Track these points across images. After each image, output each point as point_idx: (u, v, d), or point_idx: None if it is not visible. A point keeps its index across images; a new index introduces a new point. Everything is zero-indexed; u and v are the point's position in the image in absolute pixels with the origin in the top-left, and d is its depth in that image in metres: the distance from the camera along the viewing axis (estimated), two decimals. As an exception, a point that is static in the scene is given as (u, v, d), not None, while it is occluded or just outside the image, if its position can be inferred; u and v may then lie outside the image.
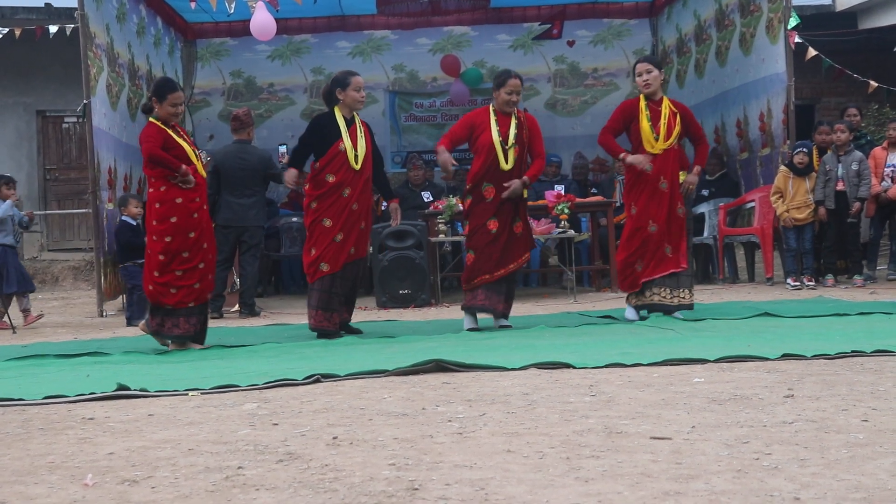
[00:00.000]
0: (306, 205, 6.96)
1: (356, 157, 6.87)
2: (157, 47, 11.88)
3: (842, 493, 2.45)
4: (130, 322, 8.68)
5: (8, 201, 9.22)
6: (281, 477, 2.81)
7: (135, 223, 8.90)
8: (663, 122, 6.92)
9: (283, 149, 9.85)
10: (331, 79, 7.19)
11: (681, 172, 7.11)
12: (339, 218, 6.84)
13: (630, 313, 7.07)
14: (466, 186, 7.08)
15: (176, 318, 6.42)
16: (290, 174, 6.97)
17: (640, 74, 6.99)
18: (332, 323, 6.87)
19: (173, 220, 6.33)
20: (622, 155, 6.95)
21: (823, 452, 2.86)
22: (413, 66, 13.47)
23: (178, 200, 6.34)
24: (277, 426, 3.57)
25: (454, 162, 6.97)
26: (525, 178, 6.87)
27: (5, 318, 8.80)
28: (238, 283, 9.36)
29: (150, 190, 6.42)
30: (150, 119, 6.45)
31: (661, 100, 7.02)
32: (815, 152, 9.57)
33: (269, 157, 9.41)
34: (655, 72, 6.96)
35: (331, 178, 6.84)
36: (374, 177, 7.08)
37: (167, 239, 6.34)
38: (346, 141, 6.86)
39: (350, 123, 6.95)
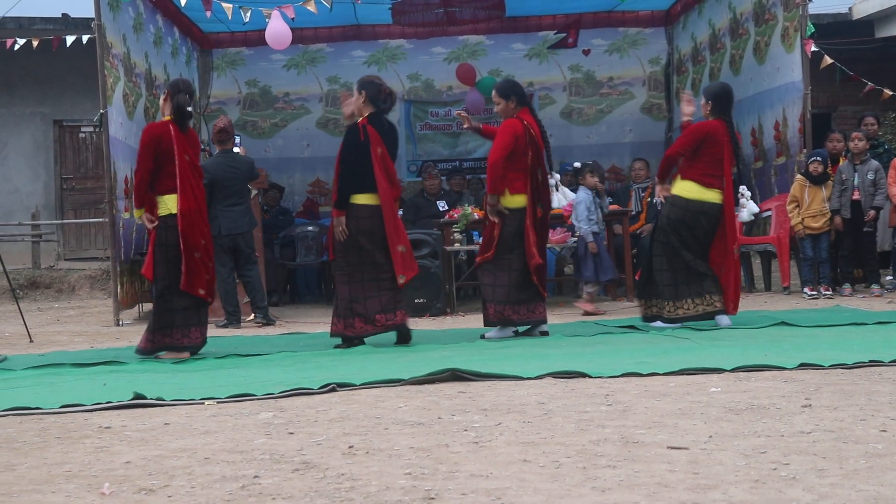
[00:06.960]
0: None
1: None
2: (175, 57, 11.93)
3: (860, 503, 2.44)
4: None
5: None
6: (297, 486, 2.81)
7: None
8: None
9: (237, 139, 9.90)
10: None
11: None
12: None
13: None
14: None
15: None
16: None
17: None
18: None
19: None
20: None
21: (842, 463, 2.84)
22: (428, 74, 13.47)
23: None
24: (293, 435, 3.57)
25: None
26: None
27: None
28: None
29: None
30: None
31: None
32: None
33: (253, 162, 9.55)
34: None
35: None
36: None
37: None
38: None
39: None
